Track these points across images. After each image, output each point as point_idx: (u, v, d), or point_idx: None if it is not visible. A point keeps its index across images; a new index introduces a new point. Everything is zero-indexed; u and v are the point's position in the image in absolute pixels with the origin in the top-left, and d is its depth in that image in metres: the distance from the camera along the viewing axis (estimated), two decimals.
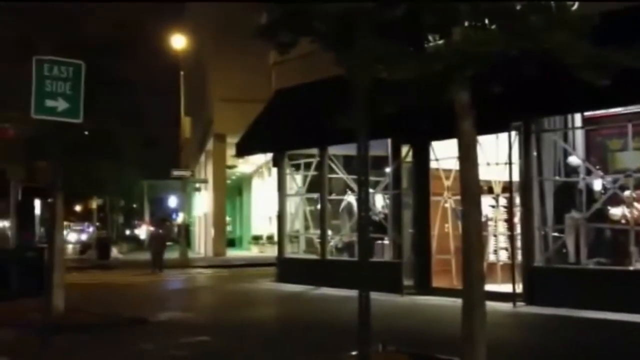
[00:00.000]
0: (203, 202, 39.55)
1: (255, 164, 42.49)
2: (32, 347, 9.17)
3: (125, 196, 41.04)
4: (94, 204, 35.72)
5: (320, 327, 9.97)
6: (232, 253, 34.70)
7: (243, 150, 18.13)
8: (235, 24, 23.18)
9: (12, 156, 12.97)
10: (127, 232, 58.12)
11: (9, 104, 11.23)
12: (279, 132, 16.10)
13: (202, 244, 39.28)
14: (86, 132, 11.54)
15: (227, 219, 39.60)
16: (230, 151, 34.08)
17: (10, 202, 15.94)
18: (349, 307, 7.19)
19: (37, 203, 17.87)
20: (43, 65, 9.10)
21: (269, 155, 40.13)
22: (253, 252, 35.57)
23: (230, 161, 32.98)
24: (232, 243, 41.29)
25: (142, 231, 51.45)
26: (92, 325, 10.50)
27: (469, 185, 5.78)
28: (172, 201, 54.60)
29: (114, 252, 33.97)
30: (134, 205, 54.64)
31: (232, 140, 33.00)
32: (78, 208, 56.00)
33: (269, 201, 41.12)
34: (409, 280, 13.29)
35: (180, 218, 38.31)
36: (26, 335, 9.99)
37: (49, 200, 13.20)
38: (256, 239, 37.14)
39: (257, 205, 41.60)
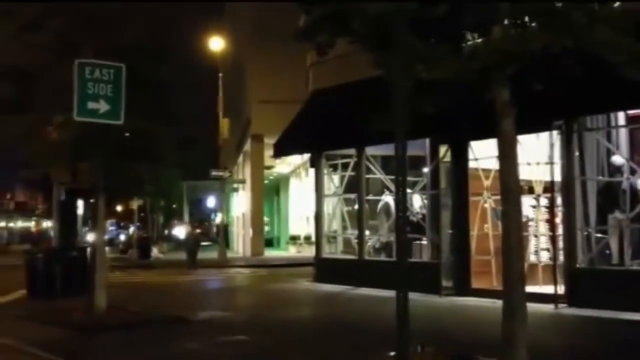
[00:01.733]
0: (241, 202, 39.86)
1: (292, 165, 42.62)
2: (75, 345, 9.37)
3: (164, 196, 41.64)
4: (135, 205, 36.30)
5: (359, 328, 9.96)
6: (270, 253, 34.89)
7: (280, 150, 18.21)
8: (274, 25, 23.35)
9: (56, 158, 13.24)
10: (167, 232, 58.90)
11: (52, 107, 11.48)
12: (316, 132, 16.12)
13: (240, 243, 39.58)
14: (127, 134, 11.75)
15: (265, 219, 39.80)
16: (268, 152, 34.31)
17: (53, 203, 16.30)
18: (387, 308, 7.15)
19: (80, 204, 18.25)
20: (85, 68, 9.29)
21: (306, 156, 40.17)
22: (290, 252, 35.71)
23: (267, 162, 33.17)
24: (269, 243, 41.51)
25: (181, 231, 52.08)
26: (133, 324, 10.67)
27: (509, 185, 5.71)
28: (211, 201, 55.16)
29: (155, 251, 34.46)
30: (174, 206, 55.35)
31: (269, 141, 33.23)
32: (119, 208, 57.03)
33: (306, 201, 41.30)
34: (448, 281, 13.18)
35: (218, 218, 38.62)
36: (70, 334, 10.20)
37: (91, 201, 13.48)
38: (293, 239, 37.27)
39: (294, 206, 41.70)
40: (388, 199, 15.22)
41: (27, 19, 10.85)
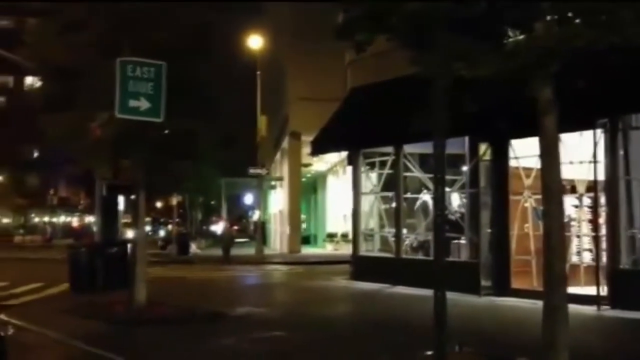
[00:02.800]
0: (279, 199, 40.04)
1: (330, 162, 42.60)
2: (116, 339, 9.54)
3: (203, 193, 42.07)
4: (174, 201, 36.77)
5: (396, 326, 9.92)
6: (307, 250, 34.97)
7: (318, 148, 18.23)
8: (313, 24, 23.39)
9: (99, 155, 13.48)
10: (205, 228, 59.56)
11: (96, 104, 11.69)
12: (354, 130, 16.10)
13: (277, 241, 39.76)
14: (166, 131, 11.90)
15: (302, 216, 39.90)
16: (306, 149, 34.36)
17: (95, 199, 16.58)
18: (424, 307, 7.11)
19: (121, 200, 18.52)
20: (126, 66, 9.44)
21: (343, 154, 40.12)
22: (327, 249, 35.72)
23: (305, 159, 33.25)
24: (307, 240, 41.59)
25: (219, 227, 52.64)
26: (172, 319, 10.81)
27: (551, 184, 5.62)
28: (249, 198, 55.56)
29: (193, 247, 34.84)
30: (212, 202, 55.93)
31: (307, 138, 33.28)
32: (159, 204, 57.87)
33: (343, 199, 41.28)
34: (487, 281, 13.03)
35: (256, 215, 38.88)
36: (110, 327, 10.39)
37: (132, 197, 13.68)
38: (331, 236, 37.27)
39: (331, 203, 41.68)
40: (426, 197, 15.13)
41: (70, 18, 11.05)
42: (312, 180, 44.63)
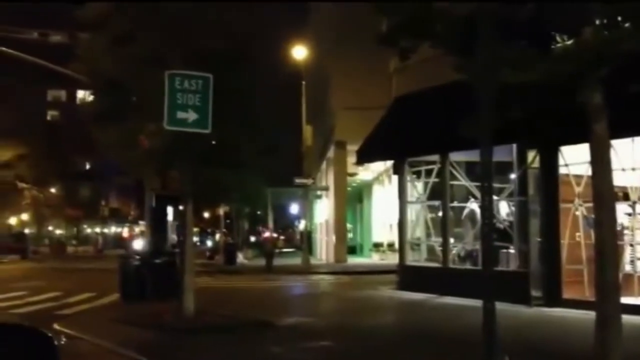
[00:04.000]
0: (324, 209, 40.07)
1: (375, 171, 42.46)
2: (165, 347, 9.68)
3: (249, 203, 42.41)
4: (221, 211, 37.14)
5: (444, 337, 9.80)
6: (352, 260, 34.86)
7: (364, 157, 18.20)
8: (357, 32, 23.41)
9: (148, 166, 13.74)
10: (252, 238, 60.03)
11: (145, 116, 11.93)
12: (400, 139, 16.02)
13: (323, 250, 39.77)
14: (213, 142, 12.06)
15: (348, 226, 39.85)
16: (351, 158, 34.35)
17: (145, 210, 16.90)
18: (473, 318, 7.00)
19: (170, 210, 18.84)
20: (174, 79, 9.61)
21: (389, 163, 39.83)
22: (374, 259, 35.57)
23: (350, 168, 33.25)
24: (352, 250, 41.48)
25: (264, 237, 52.86)
26: (221, 327, 10.93)
27: (602, 191, 5.49)
28: (295, 208, 55.80)
29: (240, 257, 35.10)
30: (259, 212, 56.35)
31: (352, 148, 33.25)
32: (206, 215, 58.59)
33: (389, 208, 41.00)
34: (537, 291, 12.76)
35: (302, 225, 39.01)
36: (160, 336, 10.55)
37: (180, 207, 13.90)
38: (377, 246, 37.10)
39: (377, 213, 41.48)
40: (473, 206, 14.93)
41: (120, 31, 11.32)
42: (357, 189, 44.56)
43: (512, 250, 13.71)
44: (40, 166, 52.79)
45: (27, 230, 56.06)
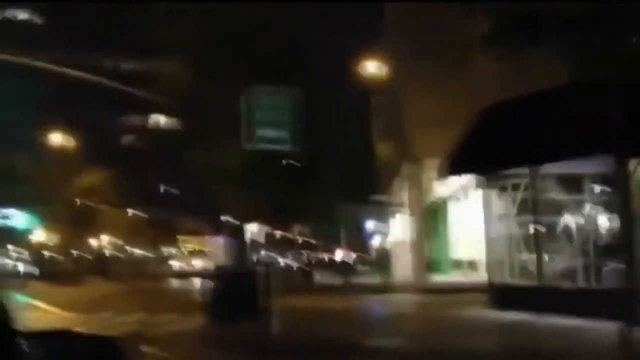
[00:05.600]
0: (400, 226, 39.31)
1: (452, 186, 41.45)
2: None
3: (326, 220, 42.11)
4: (296, 230, 37.01)
5: None
6: (431, 278, 33.91)
7: (448, 170, 17.22)
8: (432, 46, 22.90)
9: (229, 185, 13.67)
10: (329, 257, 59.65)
11: (225, 135, 11.86)
12: (487, 151, 15.25)
13: (400, 268, 38.96)
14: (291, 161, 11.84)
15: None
16: (427, 174, 33.55)
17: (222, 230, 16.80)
18: (581, 339, 6.35)
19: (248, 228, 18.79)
20: (258, 95, 9.37)
21: (465, 178, 39.08)
22: (453, 277, 34.56)
23: (425, 184, 32.56)
24: (429, 268, 40.53)
25: (340, 255, 52.58)
26: (312, 349, 10.55)
27: None
28: (370, 225, 55.08)
29: (318, 276, 34.74)
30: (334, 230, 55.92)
31: (428, 163, 32.51)
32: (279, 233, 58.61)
33: (467, 224, 39.86)
34: None
35: (377, 242, 38.41)
36: (244, 357, 10.26)
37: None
38: (456, 263, 36.10)
39: (454, 229, 40.44)
40: (568, 220, 14.06)
41: (199, 52, 11.27)
42: (433, 205, 43.64)
43: (618, 266, 12.78)
44: (121, 189, 54.18)
45: (107, 252, 57.54)
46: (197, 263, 47.99)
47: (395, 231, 45.26)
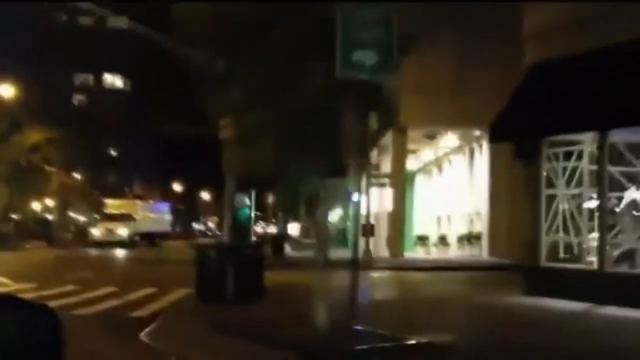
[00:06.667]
0: (376, 199, 37.33)
1: (421, 161, 39.74)
2: None
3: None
4: (270, 199, 34.70)
5: None
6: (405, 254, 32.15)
7: (497, 135, 14.67)
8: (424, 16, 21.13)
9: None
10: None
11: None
12: (539, 114, 13.16)
13: (376, 243, 36.95)
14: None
15: None
16: (410, 144, 31.63)
17: (225, 197, 14.30)
18: None
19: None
20: (350, 10, 6.92)
21: (440, 150, 37.57)
22: (418, 253, 33.42)
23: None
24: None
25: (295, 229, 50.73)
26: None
27: None
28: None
29: (288, 249, 32.81)
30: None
31: (413, 134, 30.58)
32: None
33: (436, 200, 38.29)
34: None
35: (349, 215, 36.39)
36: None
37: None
38: (421, 239, 34.93)
39: (421, 204, 39.12)
40: (635, 194, 12.21)
41: None
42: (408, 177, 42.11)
43: None
44: (67, 150, 50.71)
45: (50, 216, 54.27)
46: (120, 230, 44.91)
47: (373, 203, 43.16)
